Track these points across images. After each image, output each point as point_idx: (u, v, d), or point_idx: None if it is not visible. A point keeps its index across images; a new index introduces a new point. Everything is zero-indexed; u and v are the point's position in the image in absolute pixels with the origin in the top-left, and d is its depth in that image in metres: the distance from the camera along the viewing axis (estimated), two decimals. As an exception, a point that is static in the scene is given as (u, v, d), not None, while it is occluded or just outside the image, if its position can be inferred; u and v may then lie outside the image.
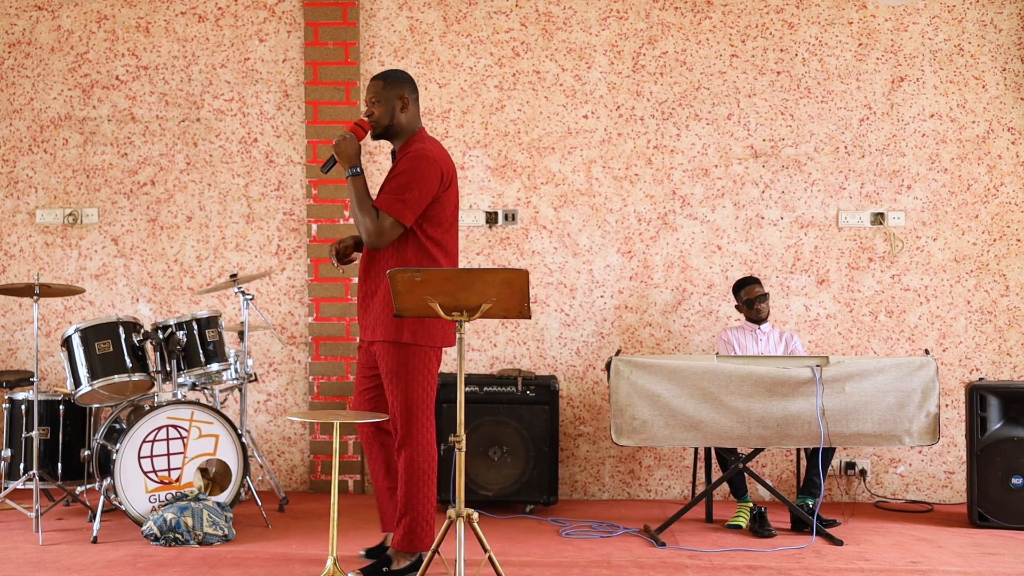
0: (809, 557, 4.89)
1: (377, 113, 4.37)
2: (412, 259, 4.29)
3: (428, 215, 4.30)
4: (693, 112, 6.39)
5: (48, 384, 6.45)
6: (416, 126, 4.42)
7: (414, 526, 4.35)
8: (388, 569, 4.37)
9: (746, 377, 5.16)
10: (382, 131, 4.39)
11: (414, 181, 4.23)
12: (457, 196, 4.44)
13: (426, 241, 4.31)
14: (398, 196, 4.22)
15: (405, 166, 4.28)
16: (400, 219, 4.22)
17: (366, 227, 4.24)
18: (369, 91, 4.39)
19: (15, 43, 6.59)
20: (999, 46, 6.35)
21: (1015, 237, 6.32)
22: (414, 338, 4.29)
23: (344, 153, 4.32)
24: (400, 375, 4.30)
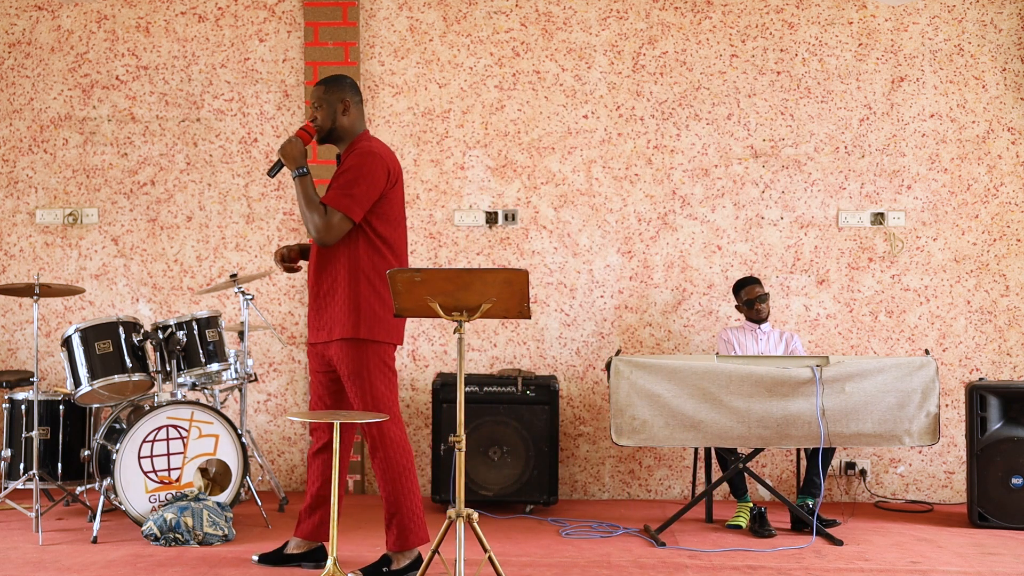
0: (809, 557, 4.89)
1: (320, 117, 4.42)
2: (364, 256, 4.30)
3: (377, 212, 4.32)
4: (693, 112, 6.39)
5: (48, 384, 6.45)
6: (359, 129, 4.46)
7: (406, 524, 4.35)
8: (388, 569, 4.37)
9: (746, 377, 5.16)
10: (326, 134, 4.44)
11: (361, 177, 4.26)
12: (403, 196, 4.46)
13: (376, 238, 4.32)
14: (345, 192, 4.25)
15: (352, 163, 4.32)
16: (348, 214, 4.24)
17: (315, 223, 4.26)
18: (312, 96, 4.46)
19: (15, 43, 6.59)
20: (999, 46, 6.35)
21: (1015, 237, 6.32)
22: (371, 334, 4.28)
23: (290, 155, 4.34)
24: (362, 375, 4.29)
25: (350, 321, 4.28)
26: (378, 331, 4.30)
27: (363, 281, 4.29)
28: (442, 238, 6.43)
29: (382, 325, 4.31)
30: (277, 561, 4.58)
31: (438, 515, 5.76)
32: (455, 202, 6.43)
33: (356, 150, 4.37)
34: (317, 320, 4.40)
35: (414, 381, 6.42)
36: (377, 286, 4.30)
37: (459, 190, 6.43)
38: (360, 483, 6.37)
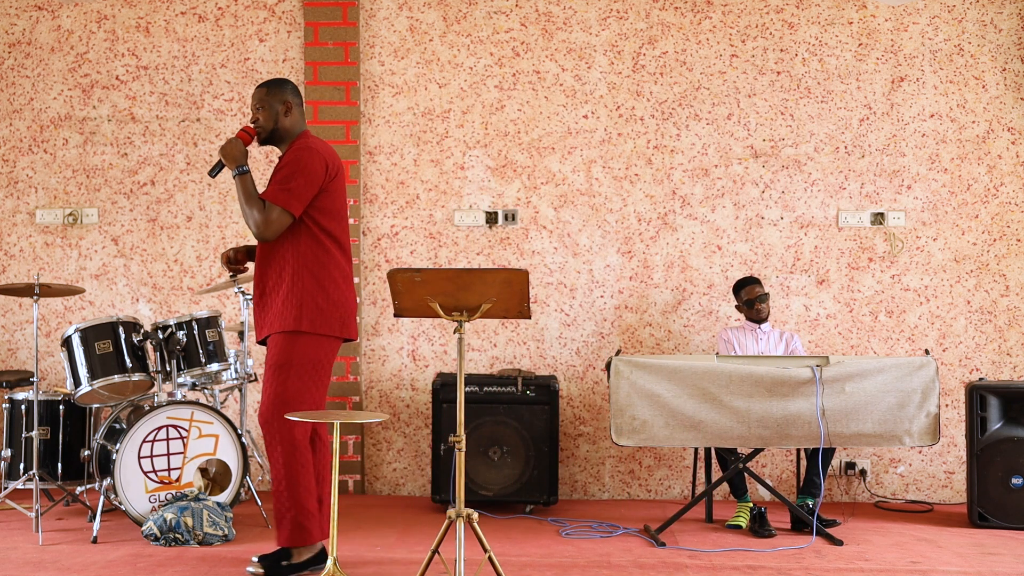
0: (809, 557, 4.89)
1: (262, 119, 4.45)
2: (308, 251, 4.31)
3: (319, 206, 4.34)
4: (693, 112, 6.39)
5: (48, 384, 6.45)
6: (300, 129, 4.48)
7: (298, 523, 4.33)
8: (289, 563, 4.34)
9: (746, 377, 5.16)
10: (267, 136, 4.47)
11: (298, 171, 4.29)
12: (344, 191, 4.48)
13: (319, 232, 4.33)
14: (283, 186, 4.27)
15: (289, 159, 4.35)
16: (287, 208, 4.26)
17: (254, 219, 4.28)
18: (253, 98, 4.48)
19: (15, 43, 6.59)
20: (999, 46, 6.35)
21: (1015, 237, 6.32)
22: (314, 327, 4.29)
23: (230, 155, 4.38)
24: (284, 366, 4.28)
25: (292, 315, 4.28)
26: (320, 325, 4.30)
27: (307, 275, 4.30)
28: (442, 238, 6.43)
29: (325, 319, 4.31)
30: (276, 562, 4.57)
31: (438, 515, 5.76)
32: (455, 202, 6.43)
33: (294, 146, 4.40)
34: (261, 317, 4.41)
35: (414, 381, 6.42)
36: (322, 280, 4.31)
37: (459, 190, 6.43)
38: (360, 483, 6.37)
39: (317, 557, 4.42)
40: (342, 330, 4.39)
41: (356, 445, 6.36)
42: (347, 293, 4.42)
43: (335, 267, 4.37)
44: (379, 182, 6.45)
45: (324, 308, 4.31)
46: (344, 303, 4.39)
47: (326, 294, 4.32)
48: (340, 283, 4.38)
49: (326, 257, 4.34)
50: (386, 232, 6.45)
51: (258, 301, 4.43)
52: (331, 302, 4.33)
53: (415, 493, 6.44)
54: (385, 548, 4.98)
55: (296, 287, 4.30)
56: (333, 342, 4.39)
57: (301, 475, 4.34)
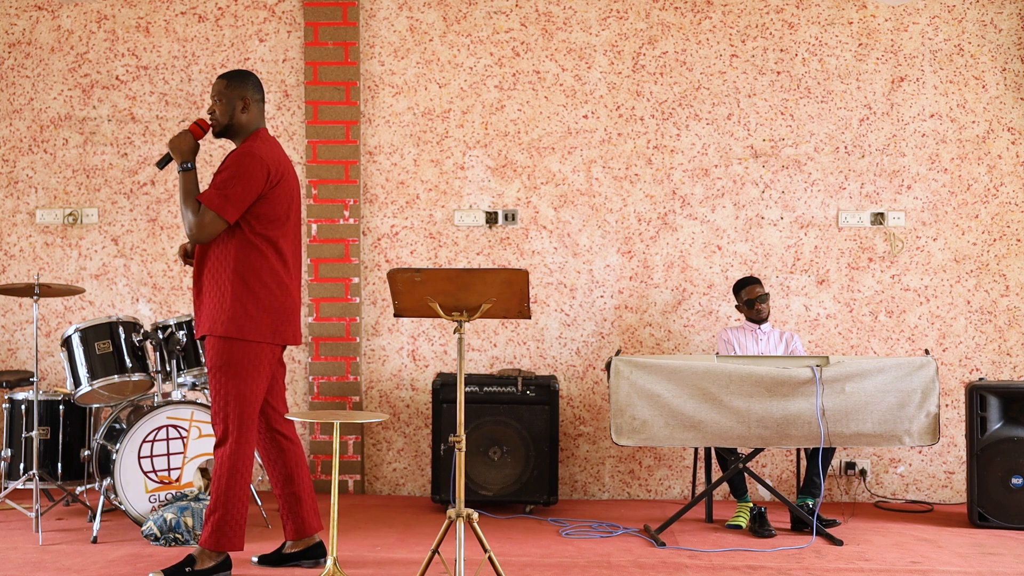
0: (809, 557, 4.89)
1: (218, 111, 4.40)
2: (241, 256, 4.27)
3: (257, 212, 4.29)
4: (693, 112, 6.39)
5: (48, 384, 6.45)
6: (256, 126, 4.44)
7: (223, 524, 4.30)
8: (192, 569, 4.30)
9: (746, 377, 5.16)
10: (222, 130, 4.42)
11: (237, 177, 4.24)
12: (292, 197, 4.42)
13: (254, 237, 4.29)
14: (220, 191, 4.24)
15: (230, 162, 4.31)
16: (221, 213, 4.22)
17: (188, 221, 4.26)
18: (212, 90, 4.43)
19: (15, 43, 6.59)
20: (999, 46, 6.35)
21: (1015, 237, 6.32)
22: (240, 332, 4.26)
23: (178, 148, 4.34)
24: (223, 370, 4.27)
25: (219, 319, 4.26)
26: (248, 330, 4.27)
27: (236, 279, 4.26)
28: (442, 238, 6.43)
29: (252, 323, 4.27)
30: (276, 562, 4.57)
31: (438, 515, 5.76)
32: (455, 202, 6.43)
33: (238, 149, 4.35)
34: (198, 315, 4.40)
35: (414, 381, 6.42)
36: (252, 284, 4.27)
37: (459, 190, 6.43)
38: (360, 483, 6.37)
39: (221, 565, 4.35)
40: (274, 336, 4.33)
41: (356, 445, 6.36)
42: (282, 299, 4.35)
43: (268, 272, 4.31)
44: (379, 182, 6.45)
45: (254, 314, 4.26)
46: (278, 309, 4.33)
47: (256, 299, 4.27)
48: (274, 289, 4.32)
49: (260, 262, 4.29)
50: (386, 232, 6.45)
51: (195, 299, 4.41)
52: (262, 308, 4.28)
53: (415, 493, 6.44)
54: (385, 548, 4.98)
55: (226, 292, 4.26)
56: (265, 347, 4.33)
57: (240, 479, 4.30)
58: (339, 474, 4.84)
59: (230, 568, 4.38)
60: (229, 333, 4.26)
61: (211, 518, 4.31)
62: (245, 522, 4.37)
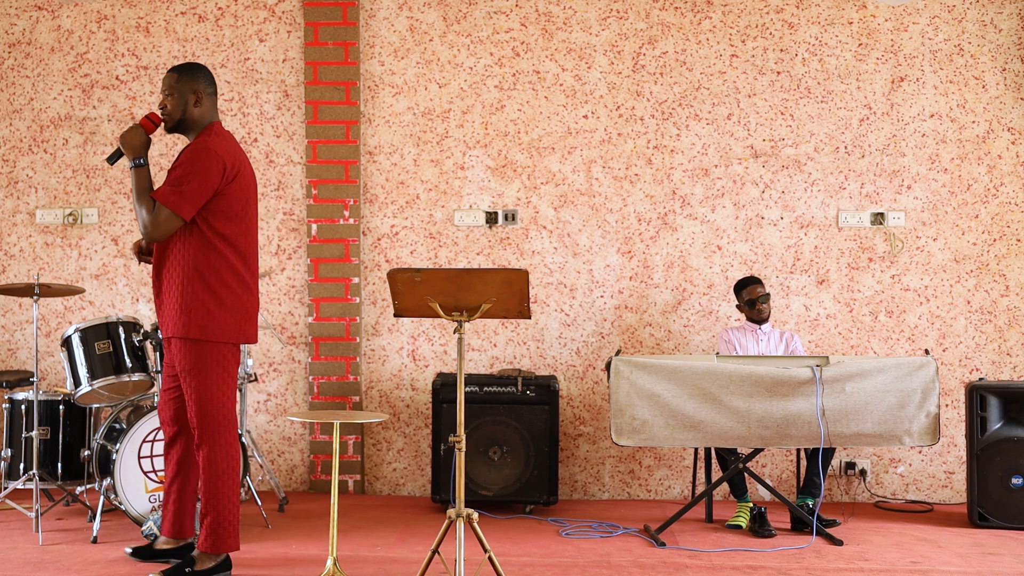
0: (809, 557, 4.89)
1: (170, 106, 4.34)
2: (199, 255, 4.23)
3: (214, 209, 4.25)
4: (693, 112, 6.39)
5: (48, 384, 6.45)
6: (209, 120, 4.38)
7: (217, 526, 4.28)
8: (192, 570, 4.29)
9: (746, 377, 5.16)
10: (174, 124, 4.35)
11: (192, 173, 4.19)
12: (249, 191, 4.38)
13: (212, 236, 4.25)
14: (175, 188, 4.19)
15: (185, 158, 4.26)
16: (176, 211, 4.17)
17: (143, 218, 4.20)
18: (163, 84, 4.35)
19: (15, 43, 6.59)
20: (999, 46, 6.35)
21: (1015, 237, 6.32)
22: (203, 334, 4.22)
23: (130, 144, 4.28)
24: (194, 372, 4.24)
25: (181, 320, 4.23)
26: (211, 330, 4.23)
27: (196, 279, 4.22)
28: (442, 238, 6.43)
29: (216, 324, 4.24)
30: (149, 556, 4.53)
31: (438, 515, 5.76)
32: (455, 202, 6.43)
33: (192, 145, 4.30)
34: (160, 315, 4.36)
35: (414, 381, 6.42)
36: (212, 284, 4.23)
37: (459, 190, 6.43)
38: (360, 483, 6.37)
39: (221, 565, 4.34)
40: (237, 335, 4.31)
41: (356, 445, 6.36)
42: (244, 298, 4.32)
43: (228, 271, 4.27)
44: (379, 182, 6.45)
45: (215, 313, 4.23)
46: (240, 308, 4.31)
47: (218, 299, 4.24)
48: (235, 288, 4.29)
49: (219, 262, 4.25)
50: (386, 232, 6.45)
51: (155, 298, 4.37)
52: (224, 307, 4.25)
53: (415, 493, 6.44)
54: (385, 548, 4.98)
55: (187, 292, 4.22)
56: (227, 347, 4.31)
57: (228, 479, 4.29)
58: (339, 474, 4.84)
59: (230, 568, 4.38)
60: (193, 335, 4.22)
61: (204, 521, 4.30)
62: (238, 521, 4.35)
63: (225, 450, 4.29)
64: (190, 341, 4.24)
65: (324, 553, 4.74)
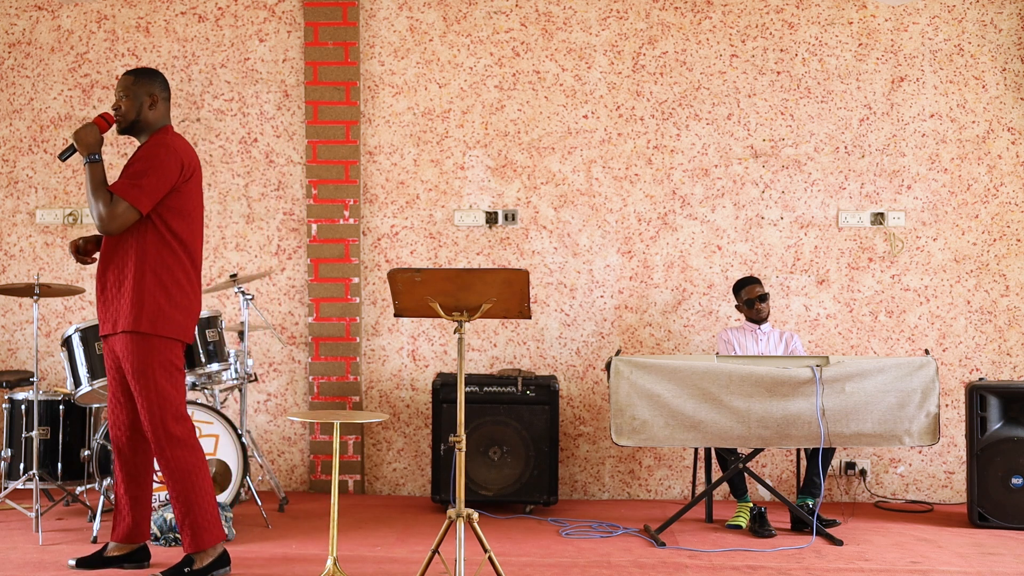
0: (809, 557, 4.89)
1: (124, 107, 4.35)
2: (152, 250, 4.23)
3: (170, 205, 4.26)
4: (693, 112, 6.39)
5: (48, 384, 6.45)
6: (162, 124, 4.41)
7: (197, 525, 4.26)
8: (191, 569, 4.28)
9: (746, 377, 5.16)
10: (128, 126, 4.37)
11: (151, 168, 4.22)
12: (200, 192, 4.41)
13: (166, 233, 4.25)
14: (134, 182, 4.20)
15: (143, 154, 4.28)
16: (135, 204, 4.18)
17: (99, 211, 4.19)
18: (119, 85, 4.38)
19: (15, 43, 6.59)
20: (999, 46, 6.35)
21: (1015, 237, 6.32)
22: (154, 329, 4.21)
23: (83, 141, 4.30)
24: (146, 371, 4.21)
25: (132, 315, 4.20)
26: (162, 326, 4.22)
27: (149, 275, 4.22)
28: (442, 238, 6.43)
29: (166, 321, 4.23)
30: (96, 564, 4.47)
31: (438, 515, 5.77)
32: (455, 202, 6.43)
33: (150, 141, 4.33)
34: (104, 312, 4.32)
35: (414, 381, 6.42)
36: (164, 280, 4.23)
37: (459, 190, 6.43)
38: (360, 483, 6.37)
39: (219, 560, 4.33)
40: (184, 334, 4.31)
41: (356, 445, 6.36)
42: (192, 298, 4.33)
43: (180, 269, 4.28)
44: (379, 182, 6.45)
45: (166, 310, 4.23)
46: (188, 308, 4.31)
47: (169, 296, 4.24)
48: (185, 286, 4.30)
49: (172, 260, 4.26)
50: (386, 232, 6.45)
51: (100, 295, 4.34)
52: (174, 305, 4.25)
53: (415, 493, 6.44)
54: (385, 548, 4.98)
55: (139, 287, 4.21)
56: (175, 344, 4.30)
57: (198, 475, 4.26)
58: (339, 474, 4.84)
59: (229, 563, 4.37)
60: (144, 329, 4.20)
61: (185, 523, 4.27)
62: (217, 513, 4.33)
63: (188, 445, 4.26)
64: (139, 336, 4.21)
65: (324, 553, 4.74)
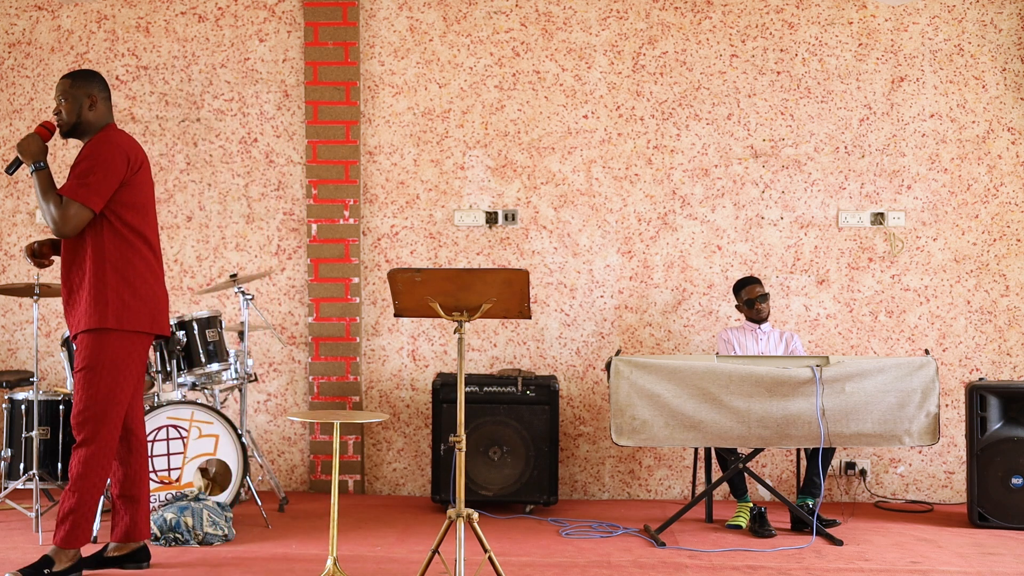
0: (809, 557, 4.89)
1: (65, 111, 4.34)
2: (111, 247, 4.24)
3: (122, 200, 4.27)
4: (693, 112, 6.39)
5: (48, 384, 6.45)
6: (104, 123, 4.39)
7: (81, 523, 4.24)
8: (50, 571, 4.24)
9: (746, 377, 5.16)
10: (70, 129, 4.36)
11: (97, 165, 4.21)
12: (151, 184, 4.42)
13: (122, 228, 4.26)
14: (82, 181, 4.20)
15: (87, 152, 4.27)
16: (86, 203, 4.17)
17: (52, 215, 4.18)
18: (57, 89, 4.36)
19: (15, 43, 6.59)
20: (999, 46, 6.35)
21: (1015, 237, 6.32)
22: (120, 323, 4.21)
23: (28, 151, 4.30)
24: (96, 369, 4.20)
25: (97, 312, 4.20)
26: (126, 320, 4.23)
27: (110, 271, 4.22)
28: (442, 238, 6.43)
29: (132, 314, 4.24)
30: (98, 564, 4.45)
31: (438, 515, 5.77)
32: (455, 202, 6.43)
33: (93, 140, 4.32)
34: (70, 315, 4.31)
35: (414, 381, 6.42)
36: (127, 275, 4.24)
37: (459, 190, 6.43)
38: (360, 483, 6.37)
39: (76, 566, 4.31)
40: (152, 326, 4.32)
41: (356, 445, 6.36)
42: (156, 288, 4.35)
43: (141, 262, 4.29)
44: (379, 182, 6.45)
45: (131, 304, 4.24)
46: (153, 299, 4.32)
47: (132, 289, 4.25)
48: (148, 278, 4.31)
49: (131, 252, 4.27)
50: (386, 232, 6.45)
51: (67, 299, 4.33)
52: (138, 298, 4.26)
53: (415, 493, 6.44)
54: (385, 548, 4.98)
55: (100, 283, 4.21)
56: (142, 338, 4.31)
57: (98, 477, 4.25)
58: (339, 474, 4.84)
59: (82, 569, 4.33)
60: (110, 324, 4.20)
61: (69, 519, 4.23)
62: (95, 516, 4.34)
63: (106, 448, 4.26)
64: (103, 332, 4.20)
65: (324, 553, 4.74)
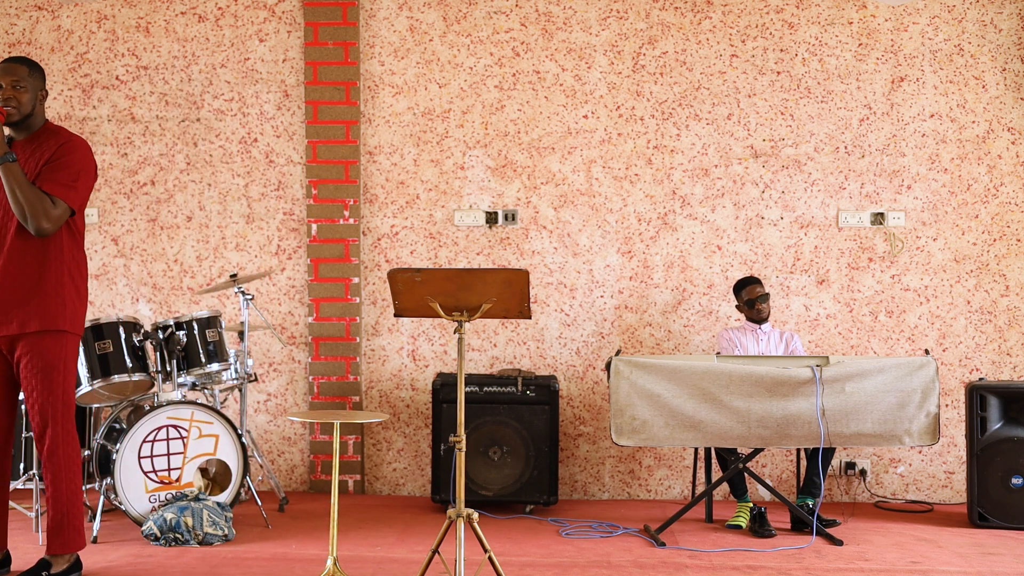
0: (809, 557, 4.89)
1: (23, 99, 4.15)
2: (67, 249, 4.22)
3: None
4: (693, 112, 6.39)
5: (48, 384, 6.43)
6: (44, 120, 4.28)
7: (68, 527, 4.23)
8: (48, 573, 4.23)
9: (746, 377, 5.16)
10: (20, 119, 4.16)
11: (83, 170, 4.19)
12: None
13: (75, 231, 4.26)
14: (71, 185, 4.13)
15: (70, 154, 4.17)
16: (72, 206, 4.16)
17: (43, 211, 4.06)
18: (9, 73, 4.12)
19: (15, 43, 6.59)
20: (999, 46, 6.35)
21: (1015, 237, 6.32)
22: (75, 327, 4.22)
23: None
24: (58, 368, 4.17)
25: (55, 313, 4.16)
26: (78, 323, 4.26)
27: (66, 274, 4.20)
28: (442, 238, 6.43)
29: (78, 316, 4.26)
30: None
31: (438, 515, 5.77)
32: (455, 202, 6.43)
33: (72, 141, 4.21)
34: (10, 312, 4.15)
35: (414, 381, 6.42)
36: (75, 277, 4.25)
37: (459, 190, 6.43)
38: (360, 483, 6.37)
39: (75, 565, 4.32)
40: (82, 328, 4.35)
41: (356, 445, 6.36)
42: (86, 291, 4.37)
43: (84, 265, 4.32)
44: (379, 182, 6.45)
45: (78, 308, 4.26)
46: (86, 300, 4.35)
47: (78, 291, 4.26)
48: (85, 279, 4.34)
49: (80, 256, 4.29)
50: (386, 232, 6.45)
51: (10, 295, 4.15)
52: (80, 299, 4.28)
53: (415, 493, 6.44)
54: (385, 548, 4.98)
55: (58, 284, 4.18)
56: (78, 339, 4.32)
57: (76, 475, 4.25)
58: (339, 474, 4.84)
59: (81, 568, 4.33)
60: (67, 327, 4.20)
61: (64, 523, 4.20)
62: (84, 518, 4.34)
63: (77, 447, 4.27)
64: (59, 334, 4.18)
65: (324, 553, 4.75)
